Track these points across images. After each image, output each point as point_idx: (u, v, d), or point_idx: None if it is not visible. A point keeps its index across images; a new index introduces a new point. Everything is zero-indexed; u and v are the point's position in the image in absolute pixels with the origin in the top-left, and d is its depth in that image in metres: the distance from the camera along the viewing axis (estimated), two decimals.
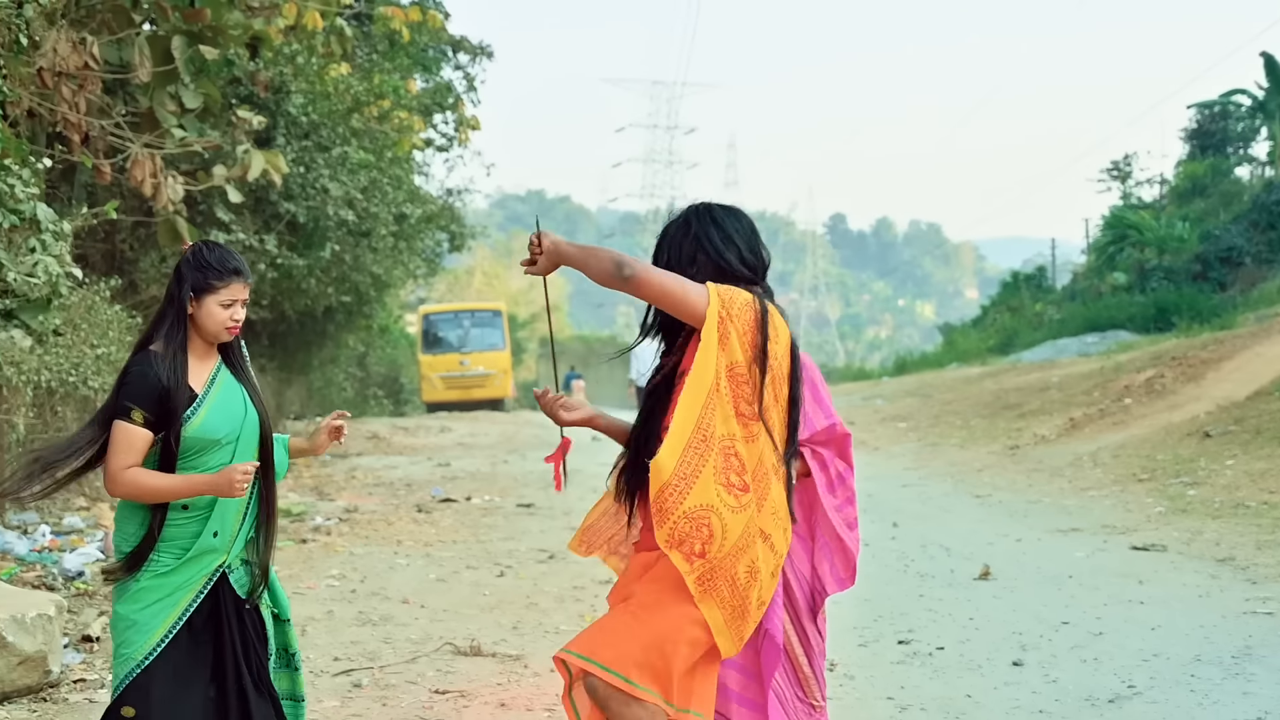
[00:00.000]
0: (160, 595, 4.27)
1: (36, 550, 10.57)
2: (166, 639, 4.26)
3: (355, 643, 8.20)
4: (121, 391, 4.31)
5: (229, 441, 4.40)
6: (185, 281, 4.38)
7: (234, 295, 4.43)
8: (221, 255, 4.45)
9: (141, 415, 4.26)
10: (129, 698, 4.21)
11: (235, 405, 4.45)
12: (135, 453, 4.25)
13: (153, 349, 4.36)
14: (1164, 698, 6.88)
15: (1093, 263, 49.37)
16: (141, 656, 4.23)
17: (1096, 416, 21.64)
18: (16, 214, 9.67)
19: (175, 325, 4.37)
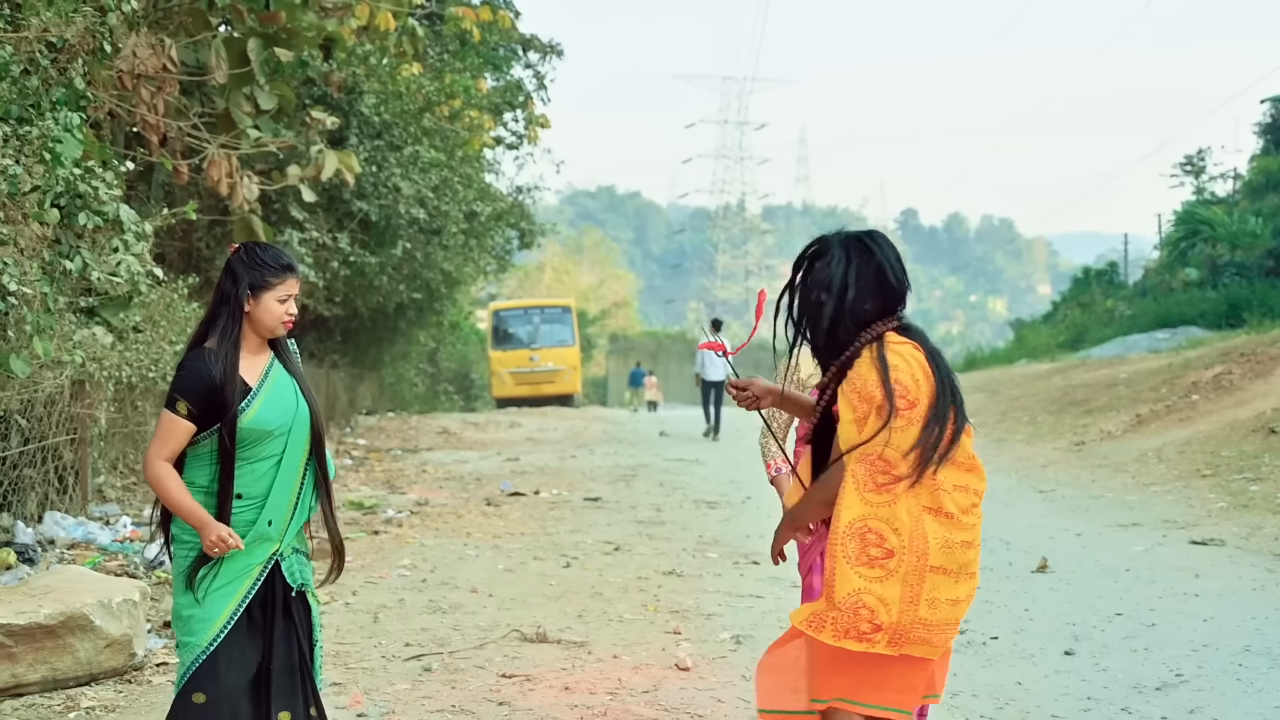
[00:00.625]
0: (221, 584, 4.44)
1: (119, 540, 10.93)
2: (229, 625, 4.43)
3: (425, 629, 8.48)
4: (174, 383, 4.47)
5: (281, 433, 4.55)
6: (241, 279, 4.54)
7: (289, 290, 4.60)
8: (275, 253, 4.63)
9: (186, 407, 4.40)
10: (198, 684, 4.39)
11: (288, 398, 4.59)
12: (175, 441, 4.41)
13: (207, 346, 4.51)
14: (1210, 686, 7.03)
15: (1165, 258, 48.96)
16: (207, 643, 4.40)
17: (1163, 413, 21.62)
18: (100, 215, 10.00)
19: (231, 321, 4.52)
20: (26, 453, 11.12)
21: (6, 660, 6.65)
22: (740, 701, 6.74)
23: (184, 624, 4.47)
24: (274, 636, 4.52)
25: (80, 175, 9.84)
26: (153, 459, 4.42)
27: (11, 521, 10.70)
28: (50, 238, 9.71)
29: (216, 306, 4.57)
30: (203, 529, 4.37)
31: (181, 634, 4.48)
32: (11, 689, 6.70)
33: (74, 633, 6.85)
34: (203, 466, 4.49)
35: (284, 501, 4.55)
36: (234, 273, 4.56)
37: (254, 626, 4.49)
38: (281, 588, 4.56)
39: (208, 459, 4.48)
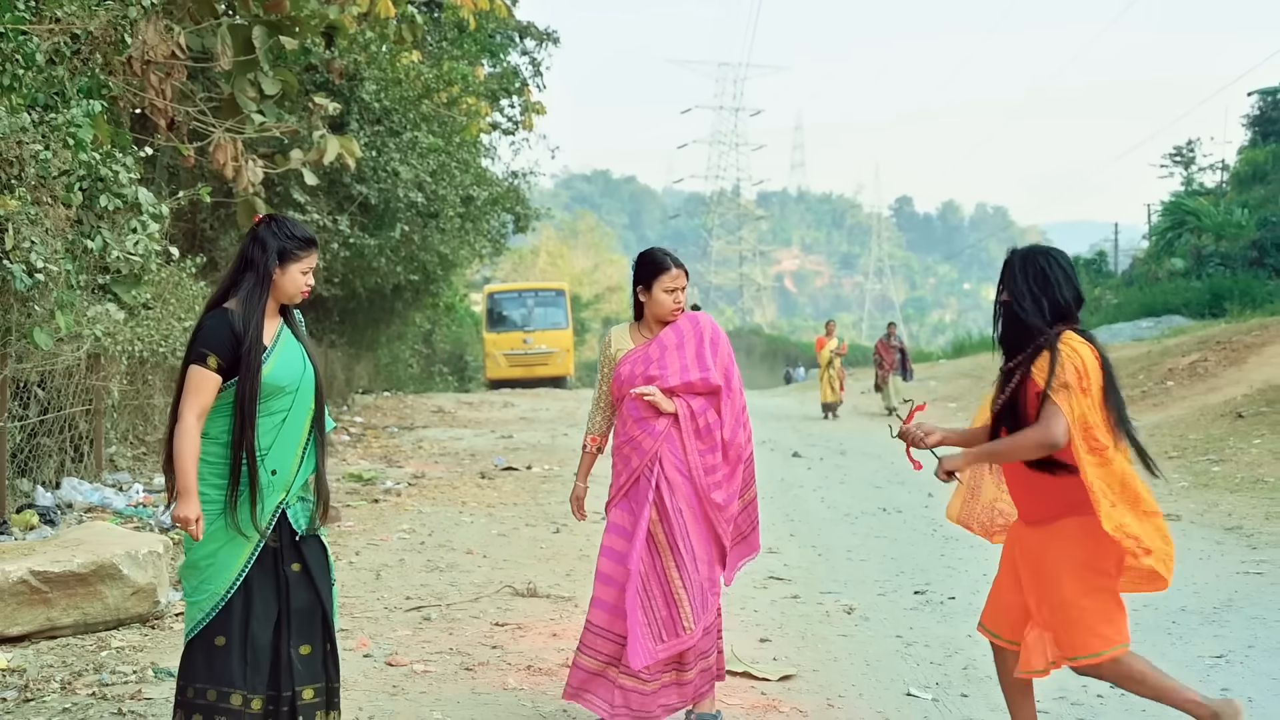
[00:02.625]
0: (233, 534, 4.72)
1: (133, 505, 11.56)
2: (244, 572, 4.72)
3: (424, 585, 9.13)
4: (196, 340, 4.74)
5: (291, 390, 4.85)
6: (270, 249, 4.82)
7: (311, 263, 4.93)
8: (301, 228, 4.94)
9: (215, 361, 4.67)
10: (217, 629, 4.69)
11: (296, 360, 4.90)
12: (205, 395, 4.68)
13: (227, 307, 4.79)
14: (1144, 638, 7.67)
15: (1152, 248, 49.54)
16: (225, 590, 4.69)
17: (1139, 398, 22.27)
18: (120, 197, 10.61)
19: (258, 288, 4.79)
20: (45, 422, 11.74)
21: (42, 605, 7.29)
22: None
23: (200, 573, 4.74)
24: (289, 579, 4.83)
25: (101, 160, 10.45)
26: (186, 413, 4.66)
27: (31, 486, 11.33)
28: (73, 219, 10.32)
29: (240, 271, 4.85)
30: (183, 497, 4.63)
31: (197, 582, 4.75)
32: (46, 631, 7.33)
33: (104, 581, 7.49)
34: (219, 418, 4.75)
35: (289, 454, 4.83)
36: (263, 242, 4.85)
37: (265, 572, 4.78)
38: (289, 534, 4.85)
39: (225, 411, 4.74)
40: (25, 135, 9.42)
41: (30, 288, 9.38)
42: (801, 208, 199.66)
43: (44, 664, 6.85)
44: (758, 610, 8.64)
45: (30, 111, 9.80)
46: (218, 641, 4.71)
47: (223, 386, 4.74)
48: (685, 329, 6.00)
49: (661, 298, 5.91)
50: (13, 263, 9.24)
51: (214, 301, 4.88)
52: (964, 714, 6.32)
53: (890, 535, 11.85)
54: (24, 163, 9.45)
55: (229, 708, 4.67)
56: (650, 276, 5.94)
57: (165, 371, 14.77)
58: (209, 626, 4.72)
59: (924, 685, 6.81)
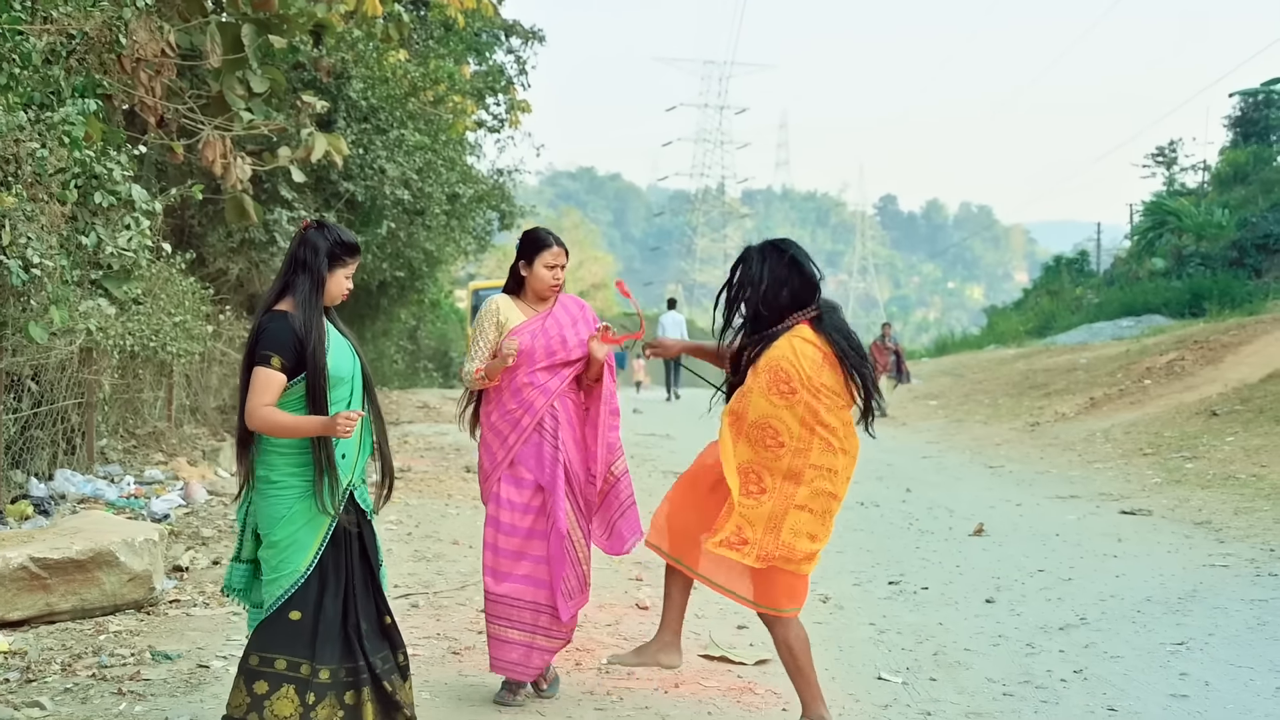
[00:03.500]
0: (311, 515, 5.00)
1: (124, 497, 11.76)
2: (320, 551, 5.01)
3: (412, 574, 9.36)
4: (260, 343, 5.00)
5: (348, 379, 5.14)
6: (321, 253, 5.12)
7: (353, 269, 5.25)
8: (349, 234, 5.24)
9: (280, 361, 4.96)
10: (294, 604, 4.97)
11: (346, 352, 5.18)
12: (272, 393, 4.94)
13: (282, 309, 5.06)
14: (1108, 627, 7.97)
15: (1133, 248, 49.89)
16: (304, 568, 4.98)
17: (1116, 396, 22.57)
18: (114, 194, 10.81)
19: (314, 290, 5.07)
20: (38, 415, 11.94)
21: (41, 590, 7.51)
22: (691, 634, 7.61)
23: (281, 552, 5.00)
24: (354, 556, 5.13)
25: (95, 157, 10.65)
26: (254, 408, 4.94)
27: (25, 478, 11.53)
28: (68, 215, 10.51)
29: (292, 275, 5.12)
30: (328, 427, 4.89)
31: (278, 561, 5.01)
32: (45, 616, 7.56)
33: (101, 567, 7.72)
34: (292, 412, 5.01)
35: (353, 439, 5.10)
36: (314, 245, 5.14)
37: (337, 550, 5.07)
38: (357, 513, 5.16)
39: (294, 406, 5.01)
40: (22, 133, 9.62)
41: (26, 283, 9.58)
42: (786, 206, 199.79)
43: (44, 647, 7.08)
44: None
45: (27, 110, 10.00)
46: (292, 616, 4.99)
47: (288, 385, 5.01)
48: (573, 308, 6.53)
49: (542, 273, 6.38)
50: (9, 258, 9.44)
51: (269, 303, 5.14)
52: (931, 696, 6.57)
53: (867, 529, 12.10)
54: (20, 160, 9.65)
55: (296, 676, 4.93)
56: (533, 252, 6.40)
57: (155, 366, 14.98)
58: (287, 602, 5.00)
59: (894, 670, 7.07)
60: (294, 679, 4.94)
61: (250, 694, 4.93)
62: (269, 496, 5.09)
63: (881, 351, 27.61)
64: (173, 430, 15.99)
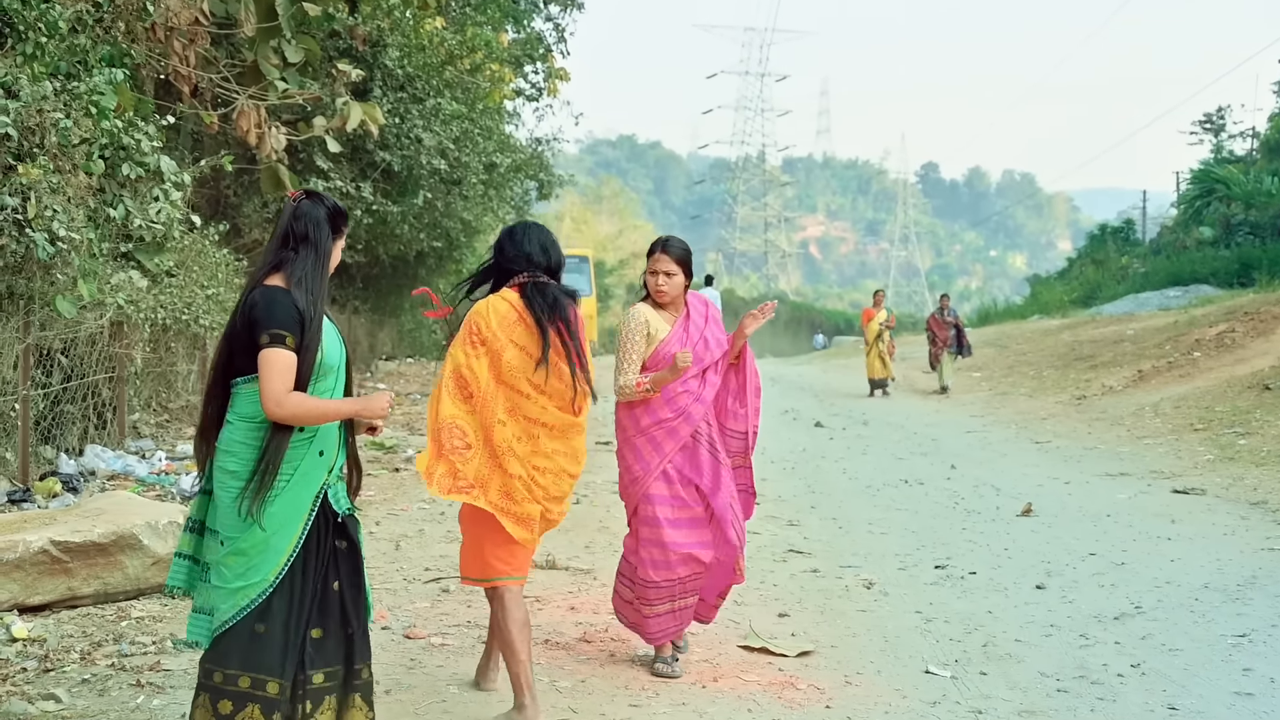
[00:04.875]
0: (284, 519, 4.48)
1: (155, 473, 11.58)
2: (293, 556, 4.50)
3: (444, 556, 9.13)
4: (265, 321, 4.46)
5: (336, 368, 4.66)
6: (323, 225, 4.66)
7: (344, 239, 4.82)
8: (338, 202, 4.78)
9: (294, 341, 4.45)
10: (259, 616, 4.46)
11: (335, 338, 4.69)
12: (291, 376, 4.44)
13: (276, 284, 4.55)
14: (1165, 616, 7.65)
15: (1180, 217, 49.28)
16: (274, 576, 4.46)
17: (1164, 369, 22.17)
18: (143, 165, 10.62)
19: (316, 264, 4.61)
20: (68, 389, 11.77)
21: (63, 574, 7.31)
22: (730, 622, 7.38)
23: (248, 560, 4.48)
24: (337, 559, 4.66)
25: (123, 128, 10.45)
26: (283, 396, 4.42)
27: (55, 454, 11.36)
28: (95, 187, 10.33)
29: (286, 248, 4.64)
30: (367, 408, 4.59)
31: (244, 569, 4.48)
32: (67, 600, 7.35)
33: (124, 551, 7.50)
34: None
35: (333, 434, 4.65)
36: (315, 218, 4.67)
37: (309, 555, 4.57)
38: (330, 515, 4.64)
39: None
40: (46, 104, 9.42)
41: (52, 256, 9.39)
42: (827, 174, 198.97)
43: (64, 634, 6.87)
44: (777, 584, 8.61)
45: (53, 80, 9.80)
46: (258, 629, 4.49)
47: None
48: (700, 307, 6.66)
49: (648, 279, 6.57)
50: (35, 231, 9.25)
51: (259, 279, 4.63)
52: (982, 692, 6.27)
53: (911, 508, 11.81)
54: (45, 131, 9.44)
55: (265, 696, 4.49)
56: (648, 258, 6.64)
57: (188, 339, 14.79)
58: (252, 613, 4.50)
59: (942, 662, 6.77)
60: (261, 699, 4.50)
61: (215, 713, 4.49)
62: (236, 494, 4.52)
63: (941, 325, 26.42)
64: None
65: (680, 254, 6.54)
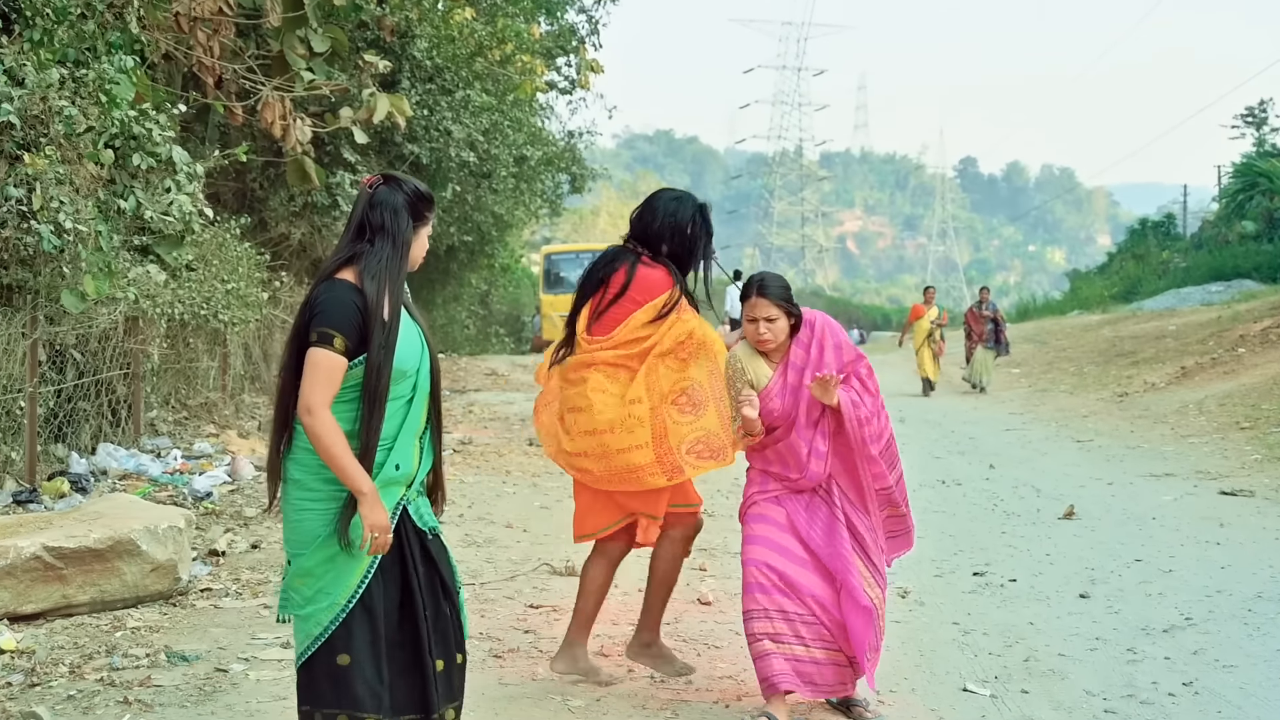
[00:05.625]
0: (355, 535, 4.09)
1: (169, 473, 11.28)
2: (366, 579, 4.13)
3: (460, 561, 8.60)
4: (317, 317, 4.11)
5: (412, 374, 4.26)
6: (402, 213, 4.25)
7: (433, 222, 4.43)
8: (423, 185, 4.38)
9: (343, 342, 4.07)
10: (339, 645, 4.09)
11: (415, 339, 4.31)
12: (334, 382, 4.08)
13: (346, 279, 4.17)
14: (1217, 629, 7.23)
15: (1222, 211, 48.59)
16: (346, 600, 4.10)
17: (1208, 365, 21.66)
18: (154, 156, 10.29)
19: (396, 257, 4.21)
20: (81, 386, 11.48)
21: (57, 581, 6.98)
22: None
23: (316, 580, 4.14)
24: (420, 583, 4.24)
25: (135, 117, 10.13)
26: (319, 405, 4.05)
27: (66, 452, 11.07)
28: (105, 178, 10.02)
29: (361, 239, 4.24)
30: (367, 500, 4.08)
31: (313, 592, 4.14)
32: (62, 609, 7.03)
33: (121, 557, 7.18)
34: (336, 401, 4.13)
35: (410, 445, 4.26)
36: (393, 206, 4.25)
37: (389, 578, 4.20)
38: (414, 532, 4.27)
39: (347, 397, 4.14)
40: (52, 92, 9.11)
41: (58, 249, 9.08)
42: (864, 168, 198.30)
43: (55, 645, 6.54)
44: None
45: (61, 67, 9.50)
46: (340, 660, 4.10)
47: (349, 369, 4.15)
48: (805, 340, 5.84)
49: (748, 328, 5.74)
50: (40, 223, 8.94)
51: (329, 272, 4.23)
52: (1024, 712, 5.86)
53: (949, 510, 11.39)
54: (50, 119, 9.14)
55: None
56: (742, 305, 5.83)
57: (207, 334, 14.51)
58: (329, 643, 4.11)
59: (981, 679, 6.36)
60: None
61: None
62: (299, 507, 4.20)
63: (978, 319, 25.13)
64: (226, 401, 15.52)
65: (780, 295, 5.72)
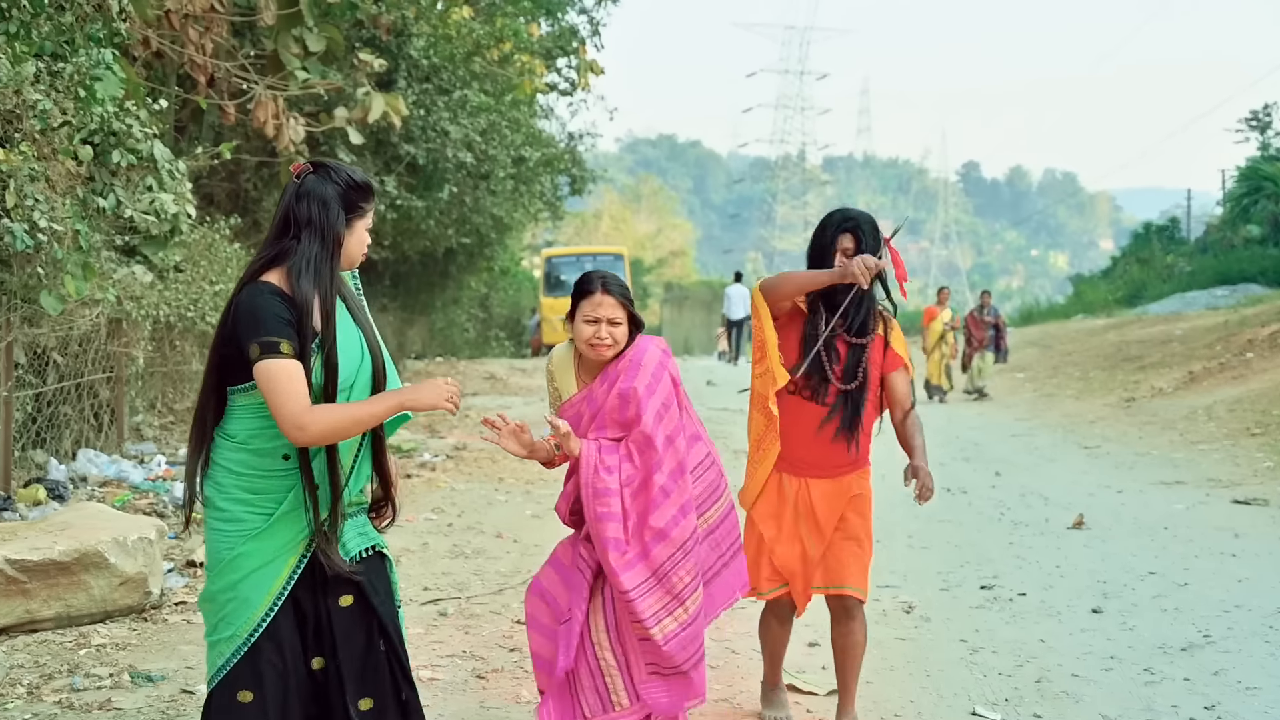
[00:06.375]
0: (260, 562, 3.74)
1: (151, 479, 10.95)
2: (273, 610, 3.76)
3: (446, 574, 8.44)
4: (256, 328, 3.67)
5: (343, 388, 3.81)
6: (332, 204, 3.80)
7: (372, 214, 3.96)
8: (360, 172, 3.92)
9: (290, 347, 3.66)
10: (242, 680, 3.74)
11: (352, 348, 3.86)
12: (301, 385, 3.64)
13: (270, 281, 3.75)
14: (1238, 647, 6.89)
15: (1227, 215, 48.22)
16: (248, 633, 3.74)
17: (1216, 370, 21.31)
18: (134, 153, 9.97)
19: (326, 254, 3.78)
20: (63, 390, 11.15)
21: (20, 596, 6.65)
22: (754, 653, 6.62)
23: (219, 608, 3.78)
24: (331, 615, 3.84)
25: (115, 113, 9.81)
26: (301, 414, 3.61)
27: (45, 458, 10.74)
28: (84, 175, 9.69)
29: (285, 236, 3.80)
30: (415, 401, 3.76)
31: (216, 620, 3.79)
32: (26, 625, 6.70)
33: (88, 570, 6.84)
34: (248, 419, 3.76)
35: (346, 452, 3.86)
36: (321, 197, 3.79)
37: (302, 608, 3.82)
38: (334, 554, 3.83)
39: (257, 410, 3.74)
40: (27, 85, 8.78)
41: (32, 248, 8.74)
42: (867, 173, 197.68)
43: (15, 663, 6.20)
44: (807, 609, 7.87)
45: (39, 60, 9.18)
46: (241, 697, 3.74)
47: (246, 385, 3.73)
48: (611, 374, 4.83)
49: (582, 328, 4.77)
50: (13, 221, 8.61)
51: (251, 274, 3.79)
52: None
53: (955, 519, 11.03)
54: (25, 114, 8.81)
55: None
56: (574, 302, 4.83)
57: (195, 337, 14.17)
58: (230, 676, 3.75)
59: (991, 702, 6.02)
60: None
61: None
62: (210, 527, 3.80)
63: (978, 324, 24.32)
64: None
65: (624, 296, 4.82)
